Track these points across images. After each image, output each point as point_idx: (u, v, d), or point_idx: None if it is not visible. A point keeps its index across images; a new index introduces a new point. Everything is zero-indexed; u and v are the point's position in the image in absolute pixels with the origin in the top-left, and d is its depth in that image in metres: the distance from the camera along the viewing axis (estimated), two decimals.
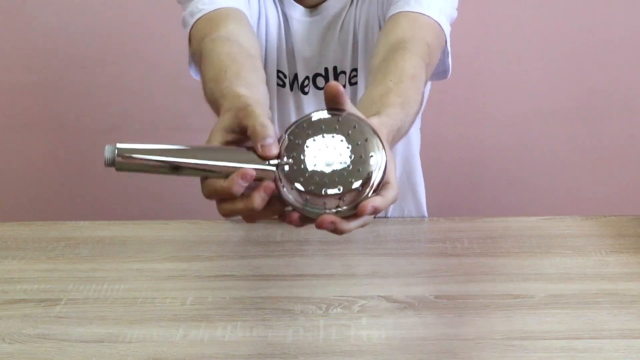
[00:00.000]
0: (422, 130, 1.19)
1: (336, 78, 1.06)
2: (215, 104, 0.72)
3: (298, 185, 0.58)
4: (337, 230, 0.59)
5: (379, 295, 0.88)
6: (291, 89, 1.07)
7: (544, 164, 1.86)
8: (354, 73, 1.04)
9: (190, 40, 0.96)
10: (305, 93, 1.07)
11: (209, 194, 0.61)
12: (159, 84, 1.80)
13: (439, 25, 0.92)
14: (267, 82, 1.04)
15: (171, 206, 1.86)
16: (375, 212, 0.58)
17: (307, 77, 1.06)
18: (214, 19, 0.91)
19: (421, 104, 0.79)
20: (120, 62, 1.79)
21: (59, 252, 1.02)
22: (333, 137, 0.59)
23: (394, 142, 0.69)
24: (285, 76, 1.06)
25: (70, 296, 0.89)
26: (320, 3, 1.03)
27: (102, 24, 1.76)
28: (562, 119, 1.83)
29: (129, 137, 1.84)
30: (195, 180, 0.63)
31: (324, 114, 0.60)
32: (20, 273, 0.95)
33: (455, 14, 0.98)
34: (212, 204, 0.63)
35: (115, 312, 0.85)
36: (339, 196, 0.58)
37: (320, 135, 0.60)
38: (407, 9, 0.91)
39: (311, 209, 0.59)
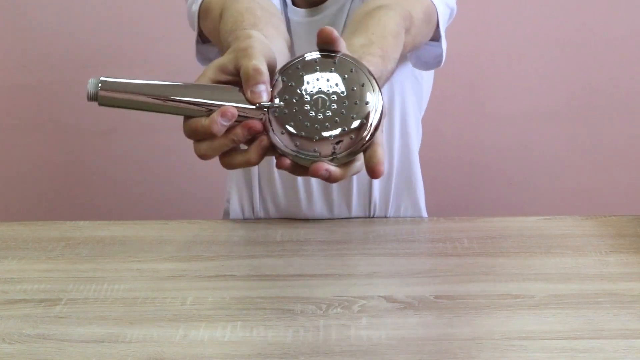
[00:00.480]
0: (422, 129, 1.19)
1: None
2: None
3: (290, 129, 0.56)
4: (330, 178, 0.57)
5: (379, 295, 0.88)
6: None
7: (544, 164, 1.86)
8: None
9: (200, 16, 0.92)
10: None
11: (190, 133, 0.58)
12: None
13: (432, 2, 0.90)
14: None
15: (171, 206, 1.86)
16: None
17: None
18: None
19: (396, 65, 0.76)
20: (120, 62, 1.79)
21: (59, 252, 1.02)
22: (328, 80, 0.57)
23: None
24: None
25: (70, 296, 0.89)
26: (320, 2, 1.03)
27: (102, 24, 1.76)
28: (562, 119, 1.83)
29: (129, 137, 1.85)
30: (196, 180, 0.63)
31: (318, 55, 0.58)
32: (20, 273, 0.95)
33: (454, 5, 0.97)
34: (212, 204, 0.63)
35: (115, 312, 0.85)
36: (334, 141, 0.55)
37: (315, 78, 0.57)
38: None
39: (304, 155, 0.56)
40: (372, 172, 0.58)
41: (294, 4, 1.04)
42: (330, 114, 0.56)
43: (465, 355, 0.75)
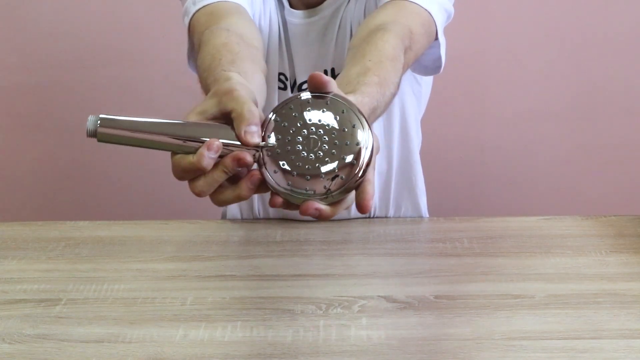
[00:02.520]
0: (422, 130, 1.19)
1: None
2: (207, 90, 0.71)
3: (283, 167, 0.57)
4: (321, 216, 0.58)
5: (379, 295, 0.88)
6: (292, 92, 1.07)
7: (544, 164, 1.86)
8: None
9: (189, 31, 0.95)
10: None
11: (180, 172, 0.60)
12: (159, 84, 1.80)
13: (429, 13, 0.90)
14: (269, 85, 1.05)
15: (171, 206, 1.86)
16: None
17: (306, 81, 1.06)
18: (216, 12, 0.90)
19: (398, 87, 0.77)
20: (120, 62, 1.79)
21: (59, 252, 1.02)
22: (320, 120, 0.58)
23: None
24: (286, 78, 1.06)
25: (70, 296, 0.89)
26: (316, 5, 1.03)
27: (102, 24, 1.76)
28: (562, 119, 1.83)
29: None
30: None
31: (310, 96, 0.59)
32: (20, 273, 0.95)
33: (452, 8, 0.97)
34: (211, 204, 0.63)
35: (115, 312, 0.85)
36: (327, 179, 0.57)
37: (308, 118, 0.58)
38: None
39: (297, 194, 0.57)
40: (361, 207, 0.59)
41: (290, 5, 1.04)
42: (322, 154, 0.58)
43: (465, 355, 0.75)
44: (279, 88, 1.07)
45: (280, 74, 1.06)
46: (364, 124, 0.59)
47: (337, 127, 0.58)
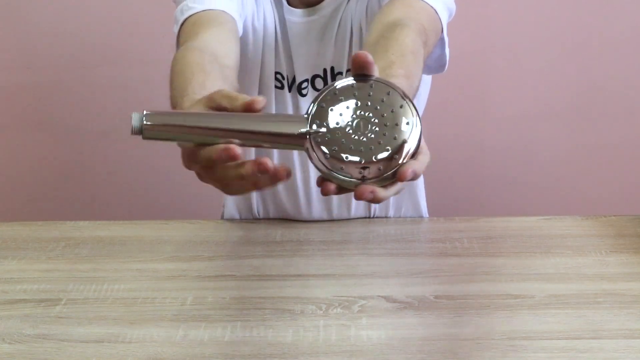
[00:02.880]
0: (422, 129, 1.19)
1: (333, 79, 1.05)
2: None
3: (334, 153, 0.56)
4: (375, 199, 0.57)
5: (379, 295, 0.88)
6: (289, 91, 1.07)
7: (544, 164, 1.86)
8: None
9: (178, 41, 0.95)
10: (303, 95, 1.07)
11: (203, 159, 0.57)
12: (159, 84, 1.80)
13: (435, 10, 0.90)
14: (265, 84, 1.05)
15: (171, 206, 1.86)
16: (415, 177, 0.57)
17: (306, 80, 1.06)
18: (198, 23, 0.90)
19: (420, 80, 0.77)
20: (120, 62, 1.79)
21: (59, 252, 1.02)
22: (368, 104, 0.57)
23: None
24: (283, 77, 1.06)
25: (70, 296, 0.89)
26: (316, 3, 1.03)
27: (101, 24, 1.76)
28: (562, 119, 1.82)
29: (129, 137, 1.85)
30: (196, 180, 0.62)
31: (353, 80, 0.58)
32: (20, 273, 0.95)
33: (453, 6, 0.97)
34: (212, 204, 0.63)
35: (115, 312, 0.85)
36: (377, 164, 0.56)
37: (354, 102, 0.57)
38: None
39: (347, 177, 0.57)
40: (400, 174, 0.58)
41: (289, 4, 1.04)
42: (373, 136, 0.57)
43: (465, 355, 0.75)
44: (276, 87, 1.07)
45: (276, 72, 1.06)
46: (411, 106, 0.58)
47: (384, 110, 0.57)
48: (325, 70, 1.05)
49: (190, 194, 1.85)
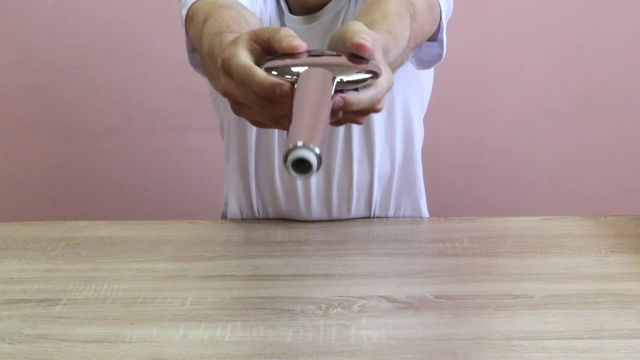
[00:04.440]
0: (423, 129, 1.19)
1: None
2: (212, 53, 0.71)
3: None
4: (345, 104, 0.57)
5: (379, 295, 0.88)
6: None
7: (544, 164, 1.86)
8: None
9: (187, 21, 0.93)
10: None
11: (254, 86, 0.57)
12: (159, 84, 1.80)
13: None
14: None
15: (171, 206, 1.87)
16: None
17: None
18: (218, 1, 0.89)
19: (409, 44, 0.77)
20: (120, 62, 1.79)
21: (59, 252, 1.02)
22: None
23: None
24: None
25: (70, 296, 0.89)
26: (316, 10, 1.02)
27: (102, 24, 1.76)
28: (562, 119, 1.83)
29: (129, 137, 1.85)
30: (196, 180, 0.62)
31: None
32: (20, 273, 0.95)
33: (451, 2, 0.96)
34: (212, 203, 0.63)
35: (115, 312, 0.85)
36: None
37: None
38: None
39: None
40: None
41: (290, 11, 1.04)
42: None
43: (465, 355, 0.75)
44: None
45: None
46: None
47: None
48: None
49: (190, 194, 1.85)
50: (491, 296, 0.87)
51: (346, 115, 0.59)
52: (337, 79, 0.57)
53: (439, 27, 0.93)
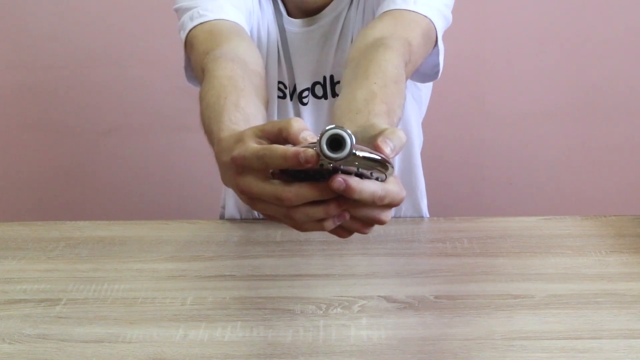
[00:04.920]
0: (422, 130, 1.19)
1: (333, 88, 1.05)
2: (210, 134, 0.70)
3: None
4: (347, 190, 0.54)
5: (379, 295, 0.88)
6: (291, 99, 1.07)
7: (544, 164, 1.86)
8: None
9: (186, 45, 0.94)
10: (304, 104, 1.06)
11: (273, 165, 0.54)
12: (159, 84, 1.81)
13: (429, 20, 0.89)
14: (269, 95, 1.04)
15: (171, 206, 1.87)
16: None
17: (307, 88, 1.06)
18: (216, 32, 0.90)
19: (403, 110, 0.76)
20: (120, 62, 1.79)
21: (59, 252, 1.02)
22: None
23: None
24: (285, 87, 1.06)
25: (70, 296, 0.89)
26: (315, 12, 1.02)
27: (102, 24, 1.77)
28: (562, 119, 1.83)
29: (129, 137, 1.85)
30: (195, 180, 0.62)
31: None
32: (20, 273, 0.95)
33: (450, 15, 0.96)
34: (212, 204, 0.63)
35: (115, 312, 0.85)
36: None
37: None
38: (392, 7, 0.88)
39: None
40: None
41: (288, 14, 1.04)
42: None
43: (465, 355, 0.75)
44: (278, 97, 1.06)
45: (279, 82, 1.06)
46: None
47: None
48: (324, 78, 1.05)
49: (190, 194, 1.85)
50: (491, 296, 0.87)
51: (351, 222, 0.58)
52: (353, 150, 0.52)
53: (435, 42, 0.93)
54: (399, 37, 0.84)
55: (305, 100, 1.06)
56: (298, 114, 1.07)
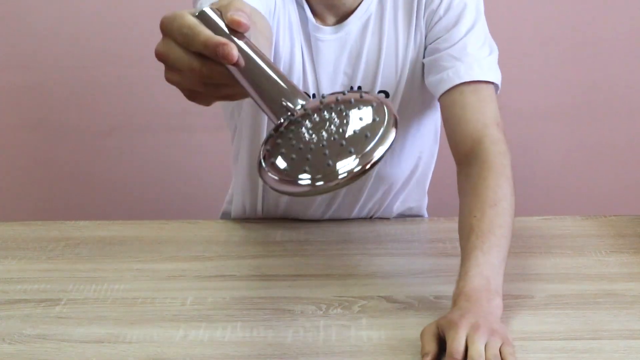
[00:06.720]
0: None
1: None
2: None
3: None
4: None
5: (379, 296, 0.88)
6: None
7: (544, 164, 1.86)
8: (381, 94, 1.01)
9: None
10: None
11: (199, 44, 0.51)
12: (159, 84, 1.80)
13: (496, 85, 1.00)
14: None
15: (171, 206, 1.86)
16: None
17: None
18: None
19: (511, 228, 0.85)
20: (120, 62, 1.79)
21: (59, 252, 1.02)
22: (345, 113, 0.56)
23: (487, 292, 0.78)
24: (309, 97, 1.04)
25: (70, 296, 0.89)
26: (344, 17, 0.99)
27: (102, 24, 1.76)
28: (562, 119, 1.82)
29: (129, 137, 1.85)
30: (195, 181, 0.62)
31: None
32: (20, 273, 0.95)
33: (495, 46, 1.01)
34: (212, 204, 0.63)
35: (115, 312, 0.85)
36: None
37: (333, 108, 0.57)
38: (465, 79, 0.98)
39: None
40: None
41: (314, 15, 0.99)
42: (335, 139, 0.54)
43: None
44: None
45: (305, 93, 1.03)
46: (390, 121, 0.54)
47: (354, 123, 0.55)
48: (351, 88, 1.01)
49: (191, 193, 1.85)
50: None
51: None
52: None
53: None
54: (490, 124, 0.99)
55: None
56: None
